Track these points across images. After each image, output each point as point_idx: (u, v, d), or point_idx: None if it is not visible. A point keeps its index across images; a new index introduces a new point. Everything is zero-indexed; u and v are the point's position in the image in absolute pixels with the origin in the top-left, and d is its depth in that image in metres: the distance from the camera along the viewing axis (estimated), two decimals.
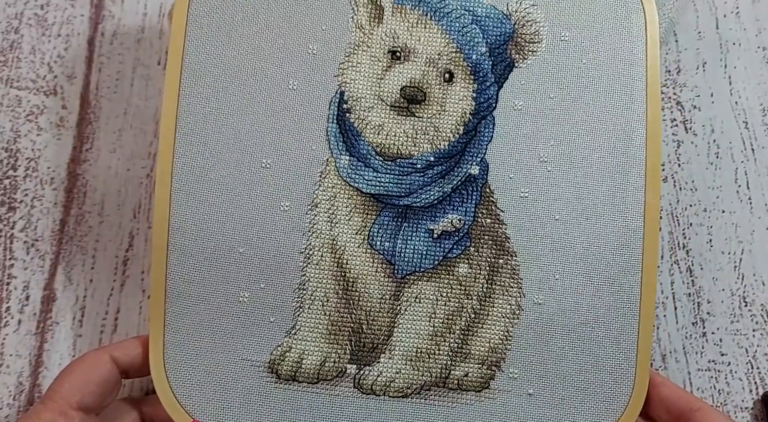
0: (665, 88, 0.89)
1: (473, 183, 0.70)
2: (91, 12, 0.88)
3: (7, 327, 0.80)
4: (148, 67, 0.87)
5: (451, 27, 0.70)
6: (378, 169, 0.70)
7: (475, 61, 0.71)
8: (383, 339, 0.71)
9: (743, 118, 0.88)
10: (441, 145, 0.70)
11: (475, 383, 0.70)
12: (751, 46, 0.90)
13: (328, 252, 0.70)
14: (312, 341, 0.70)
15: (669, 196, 0.86)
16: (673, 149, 0.87)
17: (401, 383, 0.70)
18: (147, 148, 0.85)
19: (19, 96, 0.86)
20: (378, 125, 0.70)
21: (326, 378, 0.70)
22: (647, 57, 0.72)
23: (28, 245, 0.83)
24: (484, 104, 0.71)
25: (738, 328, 0.82)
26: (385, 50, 0.71)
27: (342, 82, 0.70)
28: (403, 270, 0.70)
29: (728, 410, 0.81)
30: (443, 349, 0.70)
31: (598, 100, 0.72)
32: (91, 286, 0.82)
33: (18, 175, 0.84)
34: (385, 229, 0.70)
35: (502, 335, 0.70)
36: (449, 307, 0.70)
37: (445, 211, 0.70)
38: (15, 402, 0.79)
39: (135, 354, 0.71)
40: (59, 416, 0.66)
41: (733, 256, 0.84)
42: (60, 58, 0.87)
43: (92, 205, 0.84)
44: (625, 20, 0.73)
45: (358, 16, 0.71)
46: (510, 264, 0.71)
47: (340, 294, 0.70)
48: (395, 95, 0.70)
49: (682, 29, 0.90)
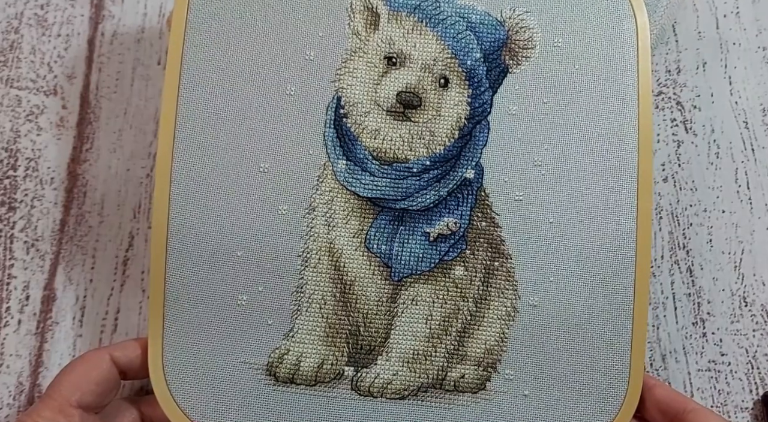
0: (665, 88, 0.90)
1: (469, 186, 0.72)
2: (91, 12, 0.90)
3: (7, 327, 0.82)
4: (148, 67, 0.89)
5: (446, 33, 0.72)
6: (375, 173, 0.72)
7: (469, 66, 0.72)
8: (380, 342, 0.72)
9: (743, 118, 0.89)
10: (437, 149, 0.72)
11: (472, 384, 0.72)
12: (751, 46, 0.91)
13: (326, 256, 0.72)
14: (310, 343, 0.71)
15: (669, 196, 0.87)
16: (673, 149, 0.88)
17: (398, 385, 0.71)
18: (147, 148, 0.87)
19: (19, 96, 0.87)
20: (374, 130, 0.72)
21: (324, 380, 0.72)
22: (639, 62, 0.74)
23: (28, 245, 0.84)
24: (479, 109, 0.72)
25: (738, 328, 0.83)
26: (381, 56, 0.72)
27: (339, 88, 0.72)
28: (400, 273, 0.72)
29: (728, 410, 0.82)
30: (440, 351, 0.72)
31: (591, 104, 0.73)
32: (91, 286, 0.83)
33: (18, 175, 0.86)
34: (381, 232, 0.72)
35: (498, 337, 0.72)
36: (445, 309, 0.72)
37: (441, 214, 0.72)
38: (15, 402, 0.80)
39: (134, 355, 0.72)
40: (58, 413, 0.67)
41: (733, 256, 0.85)
42: (60, 58, 0.89)
43: (92, 204, 0.85)
44: (616, 27, 0.74)
45: (355, 23, 0.73)
46: (505, 267, 0.72)
47: (338, 297, 0.72)
48: (391, 100, 0.71)
49: (682, 29, 0.91)
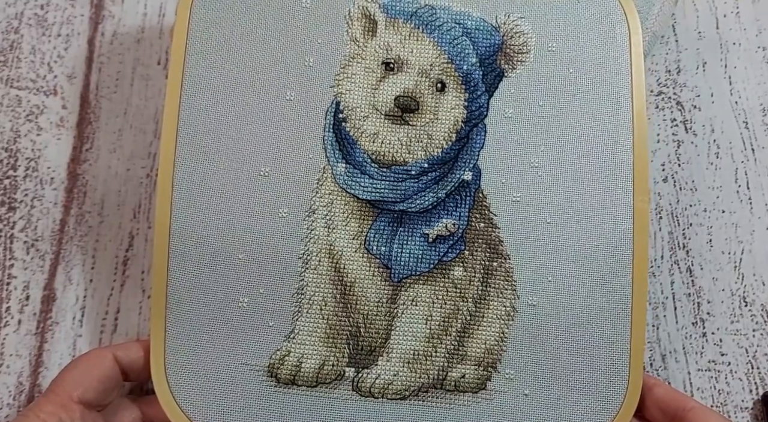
0: (665, 88, 0.92)
1: (466, 188, 0.74)
2: (91, 12, 0.92)
3: (7, 327, 0.84)
4: (148, 67, 0.91)
5: (443, 39, 0.74)
6: (374, 176, 0.74)
7: (466, 71, 0.74)
8: (381, 342, 0.74)
9: (743, 118, 0.91)
10: (434, 152, 0.74)
11: (472, 384, 0.74)
12: (751, 46, 0.93)
13: (326, 258, 0.74)
14: (310, 345, 0.73)
15: (669, 196, 0.88)
16: (673, 149, 0.90)
17: (399, 385, 0.73)
18: (147, 148, 0.89)
19: (19, 96, 0.89)
20: (373, 133, 0.74)
21: (325, 382, 0.73)
22: (632, 65, 0.76)
23: (28, 245, 0.86)
24: (476, 112, 0.74)
25: (738, 328, 0.86)
26: (379, 62, 0.74)
27: (338, 93, 0.74)
28: (400, 274, 0.74)
29: (728, 410, 0.84)
30: (440, 351, 0.74)
31: (586, 106, 0.75)
32: (91, 286, 0.85)
33: (18, 175, 0.88)
34: (381, 234, 0.74)
35: (498, 336, 0.74)
36: (445, 310, 0.74)
37: (440, 215, 0.74)
38: (15, 402, 0.82)
39: (137, 356, 0.74)
40: (60, 408, 0.69)
41: (733, 256, 0.87)
42: (60, 58, 0.91)
43: (92, 204, 0.87)
44: (609, 31, 0.76)
45: (353, 30, 0.75)
46: (504, 267, 0.74)
47: (338, 299, 0.74)
48: (389, 104, 0.74)
49: (682, 29, 0.93)
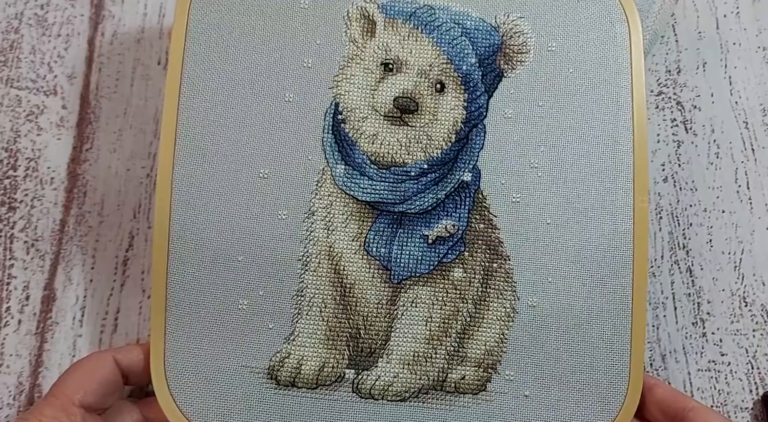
0: (665, 88, 0.92)
1: (466, 189, 0.75)
2: (91, 12, 0.92)
3: (7, 327, 0.84)
4: (148, 67, 0.91)
5: (442, 39, 0.74)
6: (373, 177, 0.74)
7: (465, 71, 0.75)
8: (381, 344, 0.75)
9: (743, 118, 0.91)
10: (434, 153, 0.74)
11: (472, 385, 0.74)
12: (751, 46, 0.93)
13: (325, 259, 0.74)
14: (310, 347, 0.74)
15: (669, 196, 0.89)
16: (673, 149, 0.90)
17: (399, 387, 0.74)
18: (147, 148, 0.89)
19: (19, 96, 0.89)
20: (372, 135, 0.74)
21: (325, 384, 0.74)
22: (632, 64, 0.76)
23: (28, 245, 0.86)
24: (475, 113, 0.75)
25: (738, 328, 0.86)
26: (377, 62, 0.75)
27: (337, 94, 0.75)
28: (399, 276, 0.74)
29: (728, 410, 0.84)
30: (440, 353, 0.74)
31: (586, 106, 0.76)
32: (91, 286, 0.86)
33: (18, 175, 0.88)
34: (380, 236, 0.74)
35: (498, 337, 0.74)
36: (445, 311, 0.74)
37: (440, 216, 0.74)
38: (15, 402, 0.83)
39: (137, 359, 0.75)
40: (61, 412, 0.70)
41: (733, 256, 0.88)
42: (60, 58, 0.91)
43: (92, 204, 0.88)
44: (609, 30, 0.77)
45: (351, 31, 0.75)
46: (504, 268, 0.75)
47: (338, 300, 0.74)
48: (388, 105, 0.74)
49: (682, 29, 0.93)
